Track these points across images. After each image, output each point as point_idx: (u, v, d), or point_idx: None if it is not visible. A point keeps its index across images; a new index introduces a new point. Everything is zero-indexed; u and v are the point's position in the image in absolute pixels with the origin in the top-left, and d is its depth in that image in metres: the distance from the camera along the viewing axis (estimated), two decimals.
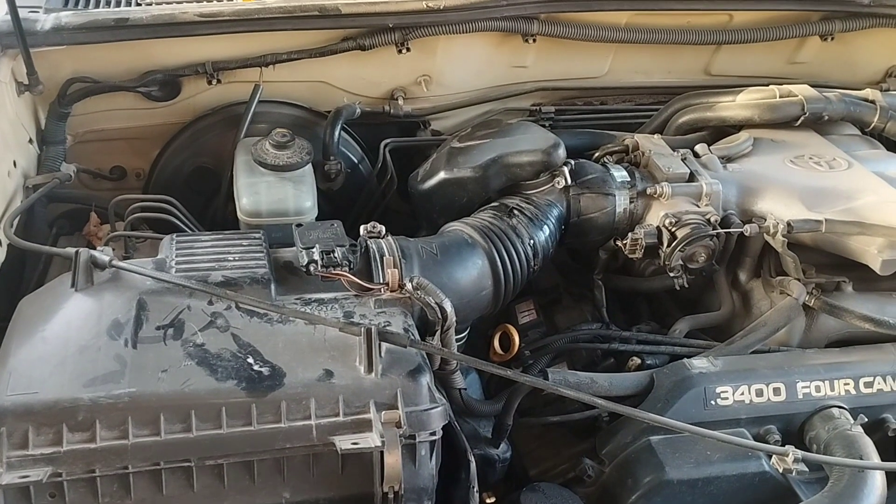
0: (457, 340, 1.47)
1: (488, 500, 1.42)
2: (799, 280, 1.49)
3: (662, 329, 1.57)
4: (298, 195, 1.50)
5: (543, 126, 1.97)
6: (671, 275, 1.48)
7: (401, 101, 1.84)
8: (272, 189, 1.50)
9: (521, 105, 1.99)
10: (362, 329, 1.12)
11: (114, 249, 1.47)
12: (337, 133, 1.71)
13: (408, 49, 1.73)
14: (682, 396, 1.36)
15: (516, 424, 1.40)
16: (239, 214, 1.48)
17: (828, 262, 1.54)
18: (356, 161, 1.81)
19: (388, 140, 1.83)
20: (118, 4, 1.65)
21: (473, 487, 1.23)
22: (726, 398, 1.37)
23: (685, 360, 1.40)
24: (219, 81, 1.69)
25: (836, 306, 1.47)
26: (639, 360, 1.46)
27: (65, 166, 1.58)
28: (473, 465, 1.24)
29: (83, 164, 1.81)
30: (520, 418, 1.41)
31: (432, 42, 1.76)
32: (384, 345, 1.13)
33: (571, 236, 1.58)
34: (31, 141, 1.60)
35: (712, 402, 1.36)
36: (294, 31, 1.64)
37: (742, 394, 1.37)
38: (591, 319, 1.62)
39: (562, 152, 1.53)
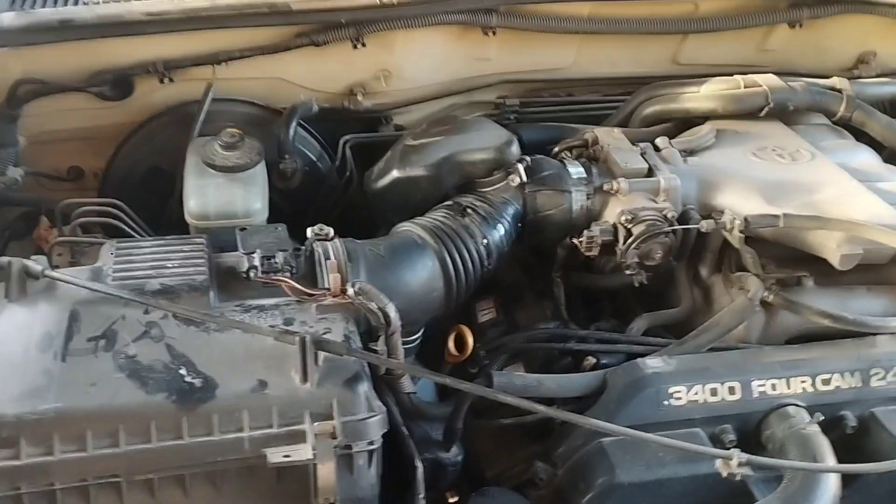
0: (409, 342, 1.47)
1: (451, 500, 1.41)
2: (758, 276, 1.46)
3: (623, 326, 1.55)
4: (247, 197, 1.47)
5: (508, 119, 1.97)
6: (627, 272, 1.46)
7: (360, 97, 1.81)
8: (220, 191, 1.47)
9: (487, 98, 1.96)
10: (297, 338, 1.11)
11: (60, 255, 1.48)
12: (292, 131, 1.68)
13: (363, 44, 1.70)
14: (634, 397, 1.34)
15: (473, 424, 1.39)
16: (187, 217, 1.46)
17: (790, 255, 1.51)
18: (314, 158, 1.79)
19: (347, 136, 1.80)
20: (66, 4, 1.63)
21: (419, 495, 1.22)
22: (679, 398, 1.34)
23: (639, 359, 1.38)
24: (171, 80, 1.66)
25: (795, 302, 1.44)
26: (593, 360, 1.44)
27: (11, 170, 1.55)
28: (420, 472, 1.23)
29: (40, 165, 1.79)
30: (474, 419, 1.40)
31: (389, 37, 1.73)
32: (322, 353, 1.12)
33: (529, 234, 1.55)
34: None
35: (665, 403, 1.34)
36: (244, 28, 1.61)
37: (696, 393, 1.35)
38: (551, 317, 1.60)
39: (515, 149, 1.51)
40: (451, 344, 1.52)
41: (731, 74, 1.81)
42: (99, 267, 1.24)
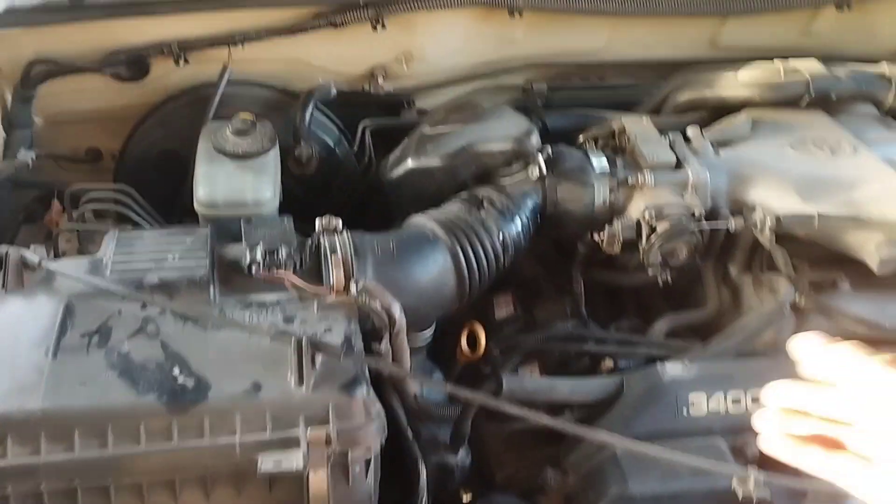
0: (422, 339, 1.43)
1: (465, 500, 1.37)
2: (789, 278, 1.38)
3: (645, 325, 1.49)
4: (257, 185, 1.43)
5: (535, 104, 1.89)
6: (650, 271, 1.39)
7: (381, 80, 1.75)
8: (230, 178, 1.43)
9: (514, 81, 1.89)
10: (293, 339, 1.07)
11: (69, 241, 1.46)
12: (308, 116, 1.63)
13: (383, 26, 1.63)
14: (652, 404, 1.28)
15: (483, 426, 1.34)
16: (196, 205, 1.42)
17: (826, 254, 1.43)
18: (332, 144, 1.74)
19: (367, 121, 1.75)
20: None
21: (422, 498, 1.18)
22: (700, 407, 1.28)
23: (658, 364, 1.32)
24: (186, 61, 1.62)
25: (829, 307, 1.37)
26: (611, 363, 1.38)
27: (22, 153, 1.53)
28: (423, 476, 1.19)
29: (58, 146, 1.78)
30: (485, 421, 1.35)
31: (410, 18, 1.66)
32: (319, 355, 1.08)
33: (549, 228, 1.49)
34: None
35: (684, 411, 1.27)
36: (261, 9, 1.56)
37: (717, 402, 1.28)
38: (570, 314, 1.54)
39: (535, 140, 1.44)
40: (463, 342, 1.47)
41: (773, 59, 1.72)
42: (99, 258, 1.21)
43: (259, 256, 1.19)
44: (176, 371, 1.06)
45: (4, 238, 1.52)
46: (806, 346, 0.77)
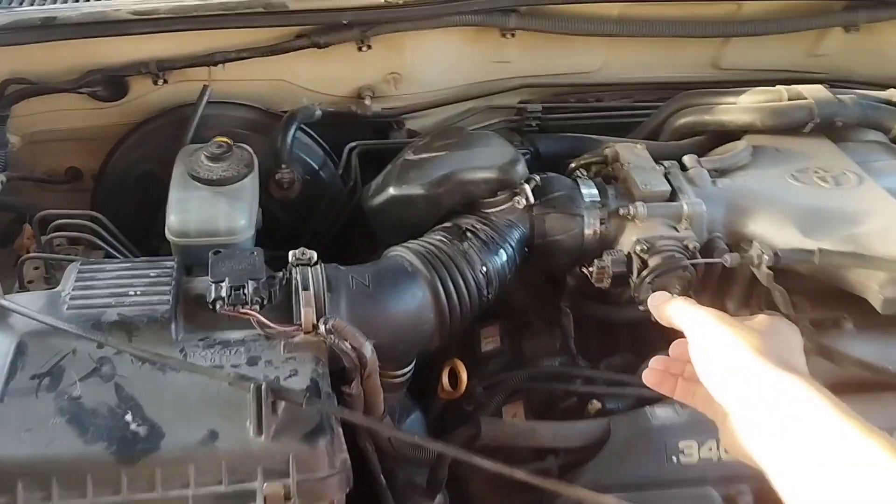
0: (401, 376, 1.37)
1: None
2: (788, 317, 1.31)
3: (637, 362, 1.42)
4: (231, 213, 1.37)
5: (529, 126, 1.83)
6: (641, 308, 1.32)
7: (368, 101, 1.69)
8: (203, 206, 1.37)
9: (507, 102, 1.82)
10: (252, 384, 1.01)
11: (37, 268, 1.41)
12: (290, 138, 1.58)
13: (369, 47, 1.58)
14: (640, 451, 1.22)
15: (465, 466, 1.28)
16: (167, 233, 1.36)
17: (828, 290, 1.36)
18: (317, 167, 1.68)
19: (353, 143, 1.69)
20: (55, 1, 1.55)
21: None
22: (691, 454, 1.21)
23: (647, 408, 1.25)
24: (165, 81, 1.57)
25: (829, 348, 1.29)
26: (599, 405, 1.31)
27: None
28: None
29: (38, 165, 1.73)
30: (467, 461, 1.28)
31: (398, 39, 1.60)
32: (281, 401, 1.02)
33: (537, 259, 1.42)
34: None
35: (674, 459, 1.21)
36: (241, 28, 1.51)
37: (710, 449, 1.22)
38: (559, 349, 1.47)
39: (521, 169, 1.37)
40: (444, 379, 1.40)
41: (779, 81, 1.64)
42: (57, 292, 1.16)
43: (224, 292, 1.13)
44: (129, 417, 1.00)
45: None
46: (654, 302, 1.00)
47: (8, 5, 1.53)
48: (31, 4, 1.53)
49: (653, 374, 1.01)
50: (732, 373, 0.83)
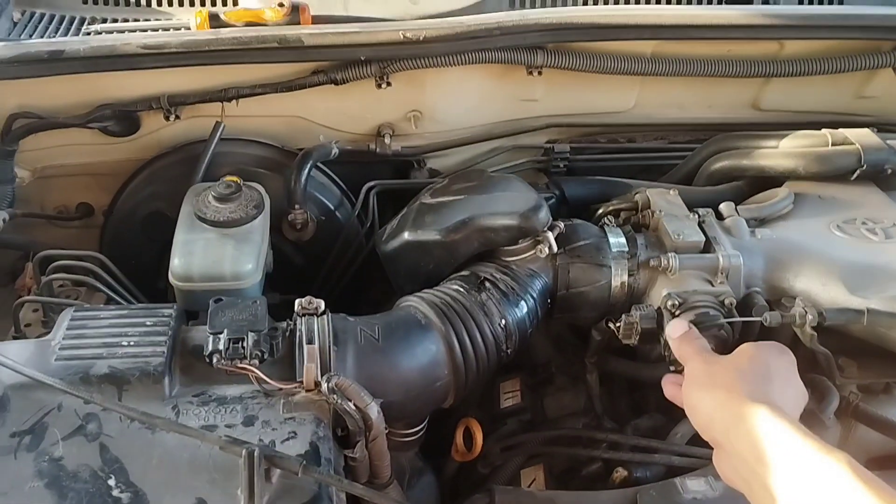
0: (412, 435, 1.28)
1: None
2: (833, 383, 1.20)
3: (668, 424, 1.32)
4: (237, 257, 1.30)
5: (557, 167, 1.75)
6: (672, 368, 1.23)
7: (387, 139, 1.62)
8: (209, 248, 1.30)
9: (534, 142, 1.74)
10: (244, 450, 0.93)
11: (36, 311, 1.35)
12: (304, 177, 1.51)
13: (388, 84, 1.51)
14: None
15: None
16: (170, 277, 1.30)
17: (877, 352, 1.25)
18: (332, 207, 1.61)
19: (371, 183, 1.62)
20: (67, 34, 1.51)
21: None
22: None
23: (677, 479, 1.15)
24: (177, 117, 1.51)
25: (876, 417, 1.18)
26: (625, 473, 1.21)
27: None
28: None
29: (48, 200, 1.69)
30: None
31: (418, 75, 1.53)
32: (276, 469, 0.94)
33: (560, 311, 1.33)
34: None
35: None
36: (255, 63, 1.45)
37: None
38: (583, 408, 1.38)
39: (543, 215, 1.29)
40: (459, 439, 1.32)
41: (823, 124, 1.55)
42: (47, 341, 1.09)
43: (222, 345, 1.06)
44: (111, 482, 0.93)
45: None
46: (671, 333, 1.10)
47: (18, 36, 1.50)
48: (43, 36, 1.50)
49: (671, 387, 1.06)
50: (707, 410, 0.93)
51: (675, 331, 1.09)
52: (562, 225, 1.32)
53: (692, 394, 0.96)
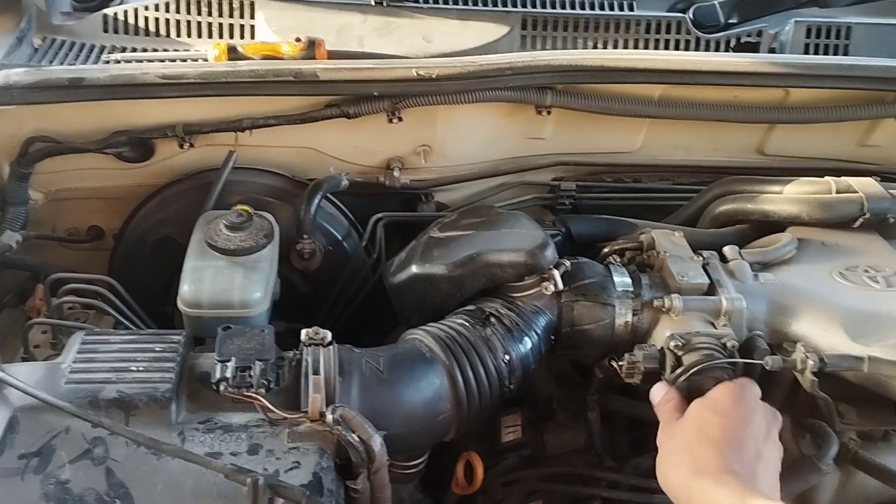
0: (413, 467, 1.29)
1: None
2: (833, 430, 1.21)
3: None
4: (246, 285, 1.31)
5: (563, 204, 1.77)
6: None
7: (397, 173, 1.64)
8: (218, 276, 1.32)
9: (540, 179, 1.76)
10: (248, 479, 0.94)
11: (45, 332, 1.36)
12: (314, 208, 1.53)
13: (399, 119, 1.53)
14: None
15: None
16: (178, 303, 1.31)
17: (877, 400, 1.26)
18: (340, 237, 1.63)
19: (380, 214, 1.64)
20: (86, 61, 1.54)
21: None
22: None
23: None
24: (191, 145, 1.54)
25: (875, 465, 1.19)
26: None
27: (7, 234, 1.45)
28: None
29: (60, 223, 1.70)
30: None
31: (429, 111, 1.56)
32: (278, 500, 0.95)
33: (564, 348, 1.35)
34: None
35: None
36: (268, 95, 1.47)
37: None
38: (584, 446, 1.39)
39: (550, 253, 1.30)
40: (459, 472, 1.33)
41: (826, 171, 1.57)
42: (57, 364, 1.10)
43: (229, 373, 1.07)
44: None
45: None
46: (653, 394, 1.16)
47: (38, 62, 1.53)
48: (63, 62, 1.53)
49: None
50: (669, 488, 1.00)
51: (655, 396, 1.14)
52: (568, 263, 1.33)
53: (658, 467, 1.04)
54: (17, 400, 1.03)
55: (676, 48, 1.79)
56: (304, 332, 1.18)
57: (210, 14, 1.66)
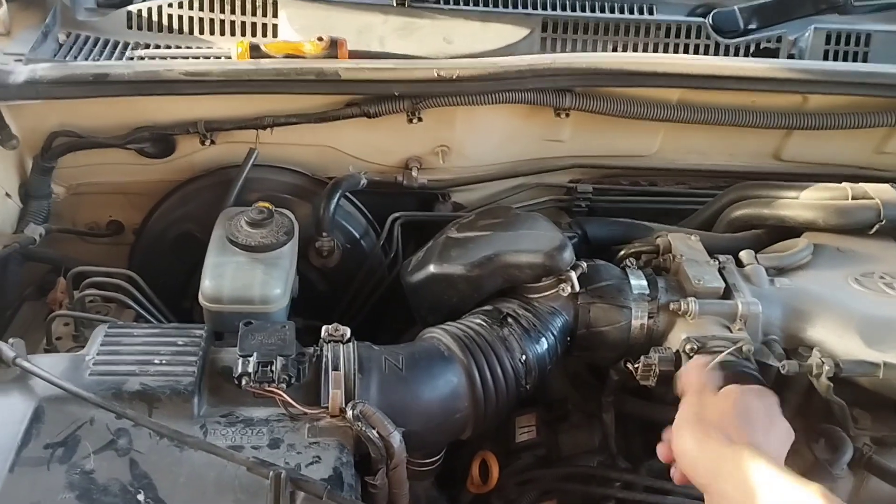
0: (429, 465, 1.30)
1: None
2: (848, 434, 1.22)
3: None
4: (267, 281, 1.33)
5: (579, 206, 1.78)
6: None
7: (415, 172, 1.66)
8: (239, 272, 1.33)
9: (557, 181, 1.77)
10: (271, 472, 0.95)
11: (67, 324, 1.38)
12: (333, 206, 1.54)
13: (419, 119, 1.55)
14: None
15: None
16: (200, 298, 1.33)
17: (891, 405, 1.27)
18: (358, 236, 1.64)
19: (397, 214, 1.66)
20: (111, 57, 1.56)
21: None
22: None
23: None
24: (213, 142, 1.55)
25: (889, 470, 1.20)
26: None
27: (31, 227, 1.47)
28: None
29: (80, 216, 1.72)
30: None
31: (449, 112, 1.57)
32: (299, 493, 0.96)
33: (580, 350, 1.36)
34: (7, 196, 1.50)
35: None
36: (290, 94, 1.49)
37: None
38: (598, 447, 1.40)
39: (567, 255, 1.31)
40: (475, 471, 1.34)
41: (843, 177, 1.57)
42: (81, 356, 1.12)
43: (251, 368, 1.09)
44: (140, 497, 0.95)
45: (4, 314, 1.45)
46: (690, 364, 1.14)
47: (63, 58, 1.54)
48: (87, 58, 1.54)
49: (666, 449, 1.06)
50: (692, 453, 0.97)
51: (692, 364, 1.12)
52: (584, 265, 1.34)
53: (680, 435, 1.00)
54: (41, 390, 1.05)
55: (696, 52, 1.80)
56: (324, 328, 1.20)
57: (233, 12, 1.67)
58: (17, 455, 0.97)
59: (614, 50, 1.77)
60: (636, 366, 1.27)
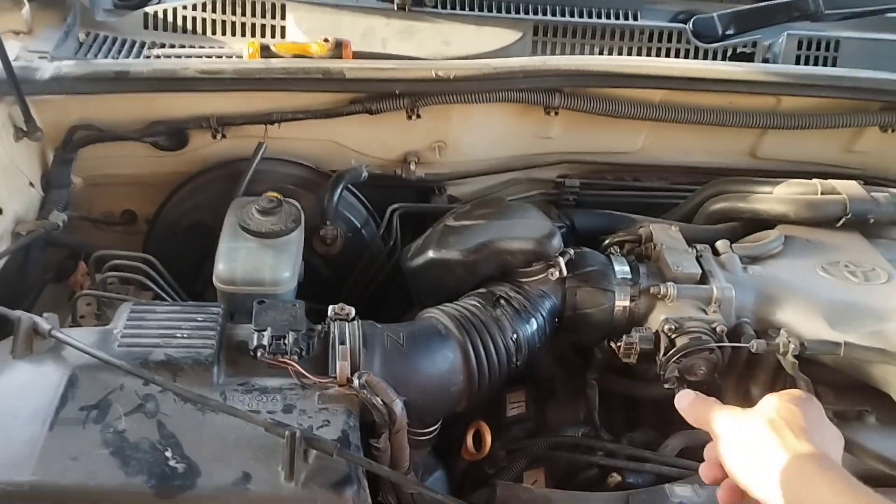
0: (427, 434, 1.40)
1: None
2: None
3: (660, 439, 1.44)
4: (276, 265, 1.43)
5: (567, 200, 1.89)
6: (666, 385, 1.35)
7: (413, 166, 1.77)
8: (250, 256, 1.44)
9: (547, 175, 1.89)
10: (286, 432, 1.05)
11: (89, 304, 1.47)
12: (337, 197, 1.65)
13: (418, 116, 1.65)
14: None
15: None
16: (214, 279, 1.43)
17: (853, 382, 1.38)
18: (359, 225, 1.75)
19: (396, 205, 1.76)
20: (129, 55, 1.66)
21: None
22: None
23: (666, 485, 1.27)
24: (224, 136, 1.66)
25: (851, 442, 1.30)
26: (619, 478, 1.34)
27: (55, 214, 1.56)
28: None
29: (96, 206, 1.82)
30: None
31: (446, 110, 1.68)
32: (312, 450, 1.06)
33: (567, 330, 1.47)
34: (31, 185, 1.59)
35: None
36: (297, 91, 1.59)
37: None
38: (583, 420, 1.50)
39: (556, 242, 1.42)
40: (469, 440, 1.44)
41: (814, 174, 1.69)
42: (110, 329, 1.22)
43: (266, 341, 1.19)
44: (168, 454, 1.05)
45: (28, 296, 1.55)
46: (680, 404, 1.02)
47: (84, 56, 1.64)
48: (107, 56, 1.64)
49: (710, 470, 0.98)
50: (754, 466, 0.89)
51: (684, 400, 1.01)
52: (572, 252, 1.45)
53: (732, 455, 0.92)
54: (74, 360, 1.15)
55: (677, 56, 1.91)
56: (330, 308, 1.30)
57: (244, 14, 1.78)
58: (56, 416, 1.07)
59: (601, 53, 1.88)
60: (618, 344, 1.39)
